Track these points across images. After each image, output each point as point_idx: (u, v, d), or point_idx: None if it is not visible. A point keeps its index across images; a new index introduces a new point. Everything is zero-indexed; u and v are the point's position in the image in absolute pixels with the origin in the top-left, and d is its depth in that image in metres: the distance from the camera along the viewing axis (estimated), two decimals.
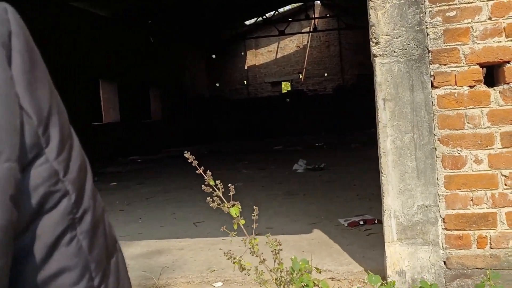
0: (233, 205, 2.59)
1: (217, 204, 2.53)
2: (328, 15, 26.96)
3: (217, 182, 2.56)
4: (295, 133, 22.90)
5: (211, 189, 2.61)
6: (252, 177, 8.99)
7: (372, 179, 7.79)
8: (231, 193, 2.53)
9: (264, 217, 5.45)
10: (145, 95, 19.79)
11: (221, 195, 2.60)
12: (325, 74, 28.29)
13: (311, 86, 28.27)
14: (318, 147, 15.28)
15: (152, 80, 20.21)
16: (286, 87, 29.68)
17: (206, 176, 2.42)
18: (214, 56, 28.85)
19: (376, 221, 4.79)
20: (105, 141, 16.08)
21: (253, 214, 2.67)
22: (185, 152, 2.49)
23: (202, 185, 2.49)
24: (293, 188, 7.39)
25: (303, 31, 27.85)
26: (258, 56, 29.09)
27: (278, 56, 28.91)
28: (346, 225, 4.79)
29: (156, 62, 20.62)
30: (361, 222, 4.77)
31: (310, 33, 27.82)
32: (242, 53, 29.03)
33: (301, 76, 28.50)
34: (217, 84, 29.21)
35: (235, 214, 2.56)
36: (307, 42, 28.57)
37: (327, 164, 9.75)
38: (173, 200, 7.15)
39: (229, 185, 2.50)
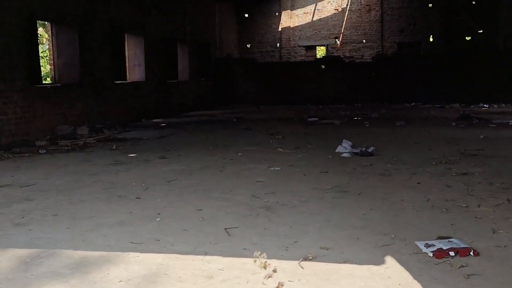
0: None
1: None
2: None
3: None
4: (329, 102, 21.53)
5: None
6: (290, 160, 7.78)
7: (437, 175, 6.53)
8: None
9: (314, 227, 4.30)
10: (172, 53, 18.53)
11: None
12: (364, 41, 26.56)
13: (348, 53, 26.63)
14: (357, 121, 13.94)
15: (180, 37, 18.89)
16: (321, 52, 28.05)
17: None
18: (246, 15, 27.28)
19: (471, 253, 3.57)
20: (128, 101, 14.98)
21: None
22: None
23: None
24: (342, 181, 6.16)
25: None
26: (293, 18, 27.41)
27: (314, 19, 27.19)
28: (431, 254, 3.57)
29: (185, 18, 19.25)
30: (452, 253, 3.55)
31: None
32: (277, 13, 27.39)
33: (337, 41, 26.81)
34: (248, 45, 27.74)
35: None
36: (347, 5, 26.73)
37: (375, 147, 8.48)
38: (198, 186, 6.00)
39: None
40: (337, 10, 26.86)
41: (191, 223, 4.51)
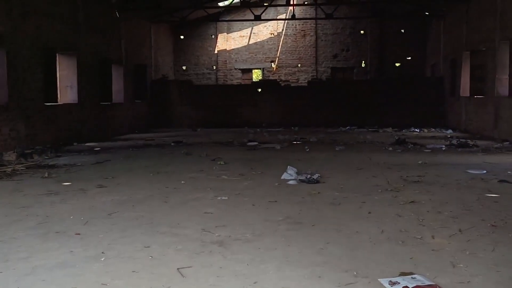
0: None
1: None
2: (306, 2, 25.62)
3: None
4: (266, 125, 21.57)
5: None
6: (236, 188, 7.56)
7: (386, 203, 6.52)
8: None
9: (273, 265, 4.09)
10: (106, 74, 17.94)
11: None
12: (299, 65, 27.04)
13: (284, 76, 26.97)
14: (297, 146, 13.96)
15: (115, 58, 18.36)
16: (256, 75, 28.23)
17: None
18: (182, 37, 27.07)
19: None
20: (60, 124, 14.25)
21: None
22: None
23: None
24: (293, 211, 6.01)
25: (278, 17, 26.42)
26: (230, 41, 27.50)
27: (250, 42, 27.41)
28: None
29: (120, 39, 18.76)
30: None
31: (286, 21, 26.41)
32: (213, 36, 27.38)
33: (273, 65, 27.10)
34: (184, 67, 27.49)
35: None
36: (282, 29, 27.19)
37: (320, 174, 8.43)
38: (143, 220, 5.64)
39: None
40: (273, 34, 27.23)
41: (140, 263, 4.17)
